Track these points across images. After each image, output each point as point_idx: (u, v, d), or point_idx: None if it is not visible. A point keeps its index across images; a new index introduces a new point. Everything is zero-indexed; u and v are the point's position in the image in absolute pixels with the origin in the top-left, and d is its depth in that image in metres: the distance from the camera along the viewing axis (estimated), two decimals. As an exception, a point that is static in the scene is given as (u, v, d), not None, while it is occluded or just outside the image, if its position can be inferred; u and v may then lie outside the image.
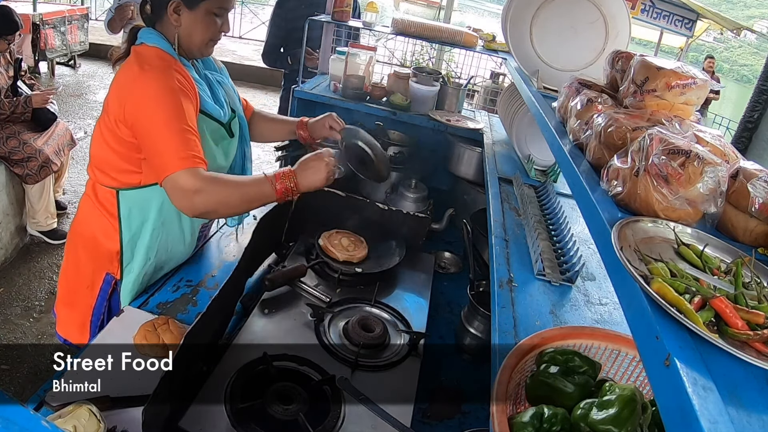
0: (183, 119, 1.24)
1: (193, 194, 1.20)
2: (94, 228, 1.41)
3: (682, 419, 0.43)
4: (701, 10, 8.17)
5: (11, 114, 2.77)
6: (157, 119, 1.22)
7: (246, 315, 1.40)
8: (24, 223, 2.99)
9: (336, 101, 2.33)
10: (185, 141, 1.22)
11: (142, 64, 1.25)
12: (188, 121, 1.25)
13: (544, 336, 0.90)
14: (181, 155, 1.21)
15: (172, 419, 1.05)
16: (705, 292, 0.58)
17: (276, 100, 6.59)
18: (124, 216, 1.37)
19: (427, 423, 1.23)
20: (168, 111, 1.22)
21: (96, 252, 1.41)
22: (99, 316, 1.45)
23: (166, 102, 1.22)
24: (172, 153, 1.21)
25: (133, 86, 1.24)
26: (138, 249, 1.41)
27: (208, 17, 1.31)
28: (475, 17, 22.09)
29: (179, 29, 1.30)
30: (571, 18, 1.72)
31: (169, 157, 1.21)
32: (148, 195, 1.36)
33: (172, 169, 1.20)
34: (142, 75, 1.23)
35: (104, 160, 1.34)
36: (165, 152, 1.21)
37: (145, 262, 1.43)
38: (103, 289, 1.43)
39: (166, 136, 1.21)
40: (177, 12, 1.29)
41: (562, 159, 1.01)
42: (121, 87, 1.27)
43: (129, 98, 1.24)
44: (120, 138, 1.29)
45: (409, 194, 2.09)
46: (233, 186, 1.27)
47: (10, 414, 0.57)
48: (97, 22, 7.35)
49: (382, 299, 1.53)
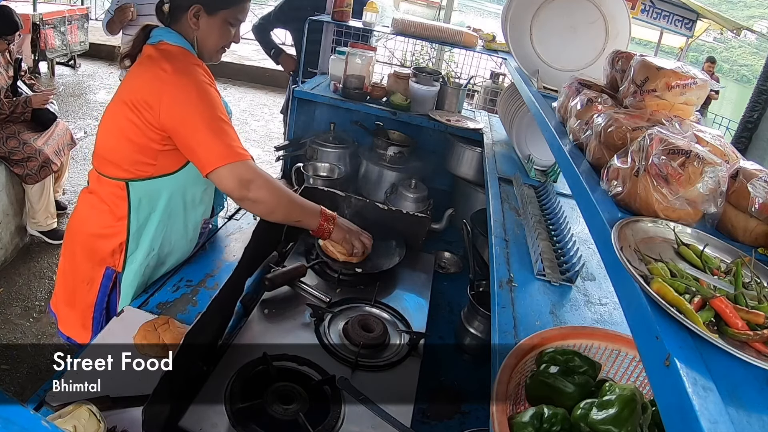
0: (221, 112, 1.31)
1: (249, 183, 1.30)
2: (93, 224, 1.41)
3: (682, 419, 0.43)
4: (701, 10, 8.17)
5: (11, 114, 2.77)
6: (198, 115, 1.26)
7: (246, 315, 1.40)
8: (24, 223, 2.99)
9: (336, 101, 2.33)
10: (230, 133, 1.30)
11: (172, 61, 1.28)
12: (225, 114, 1.32)
13: (544, 336, 0.90)
14: (232, 147, 1.28)
15: (172, 419, 1.05)
16: (705, 292, 0.58)
17: (276, 99, 6.60)
18: (134, 206, 1.38)
19: (427, 423, 1.23)
20: (207, 105, 1.28)
21: (95, 248, 1.42)
22: (101, 311, 1.45)
23: (204, 96, 1.28)
24: (222, 146, 1.27)
25: (168, 84, 1.26)
26: (143, 239, 1.43)
27: (224, 25, 1.37)
28: (475, 17, 22.09)
29: (197, 33, 1.35)
30: (571, 18, 1.72)
31: (220, 150, 1.27)
32: (158, 186, 1.39)
33: (226, 160, 1.27)
34: (176, 73, 1.27)
35: (120, 153, 1.35)
36: (216, 145, 1.27)
37: (148, 253, 1.44)
38: (104, 285, 1.44)
39: (211, 129, 1.27)
40: (196, 16, 1.33)
41: (562, 159, 1.01)
42: (150, 85, 1.28)
43: (165, 96, 1.26)
44: (146, 134, 1.30)
45: (409, 194, 2.09)
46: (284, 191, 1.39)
47: (10, 414, 0.57)
48: (97, 22, 7.34)
49: (382, 299, 1.53)
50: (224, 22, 1.36)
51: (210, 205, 1.59)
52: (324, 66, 2.75)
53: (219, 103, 1.31)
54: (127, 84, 1.34)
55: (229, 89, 6.78)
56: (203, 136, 1.27)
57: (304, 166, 2.21)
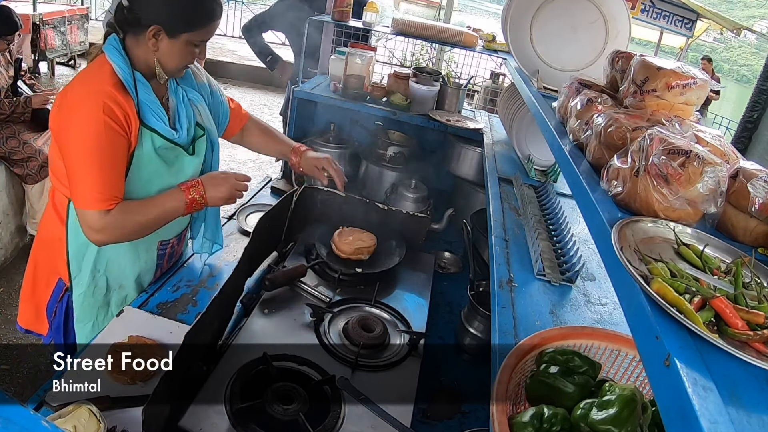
0: (107, 154, 1.21)
1: (95, 233, 1.23)
2: (52, 233, 1.38)
3: (682, 419, 0.43)
4: (701, 10, 8.17)
5: (11, 114, 2.77)
6: (74, 154, 1.20)
7: (246, 315, 1.40)
8: (24, 223, 2.99)
9: (336, 101, 2.33)
10: (104, 179, 1.21)
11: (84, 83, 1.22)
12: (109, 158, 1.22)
13: (544, 336, 0.90)
14: (96, 195, 1.21)
15: (172, 419, 1.05)
16: (705, 292, 0.58)
17: (276, 100, 6.60)
18: (71, 226, 1.33)
19: (427, 423, 1.23)
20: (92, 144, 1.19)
21: (52, 255, 1.39)
22: (52, 311, 1.42)
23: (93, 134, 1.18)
24: (87, 188, 1.21)
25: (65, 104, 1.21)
26: (85, 263, 1.37)
27: (186, 47, 1.26)
28: (475, 17, 22.09)
29: (156, 54, 1.25)
30: (571, 18, 1.72)
31: (83, 191, 1.21)
32: None
33: (85, 205, 1.21)
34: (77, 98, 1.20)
35: (55, 165, 1.31)
36: (81, 184, 1.21)
37: (93, 277, 1.39)
38: (55, 292, 1.41)
39: (86, 168, 1.20)
40: (156, 37, 1.22)
41: (562, 159, 1.01)
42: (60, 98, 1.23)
43: (59, 115, 1.21)
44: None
45: (409, 194, 2.09)
46: (140, 214, 1.28)
47: (10, 414, 0.57)
48: (97, 22, 7.35)
49: (382, 299, 1.53)
50: (187, 44, 1.25)
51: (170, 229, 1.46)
52: (324, 66, 2.75)
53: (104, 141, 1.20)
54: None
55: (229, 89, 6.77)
56: (73, 172, 1.21)
57: (304, 166, 2.21)
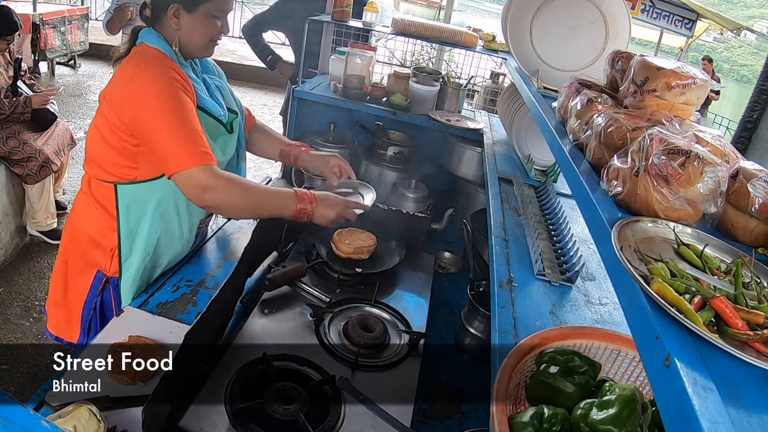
0: (187, 115, 1.26)
1: (204, 190, 1.25)
2: (88, 225, 1.40)
3: (682, 419, 0.43)
4: (701, 10, 8.16)
5: (11, 114, 2.77)
6: (161, 116, 1.23)
7: (246, 315, 1.40)
8: (24, 223, 2.99)
9: (336, 101, 2.33)
10: (193, 137, 1.25)
11: (138, 62, 1.27)
12: (192, 117, 1.27)
13: (544, 336, 0.90)
14: (192, 152, 1.24)
15: (172, 419, 1.05)
16: (705, 292, 0.58)
17: (276, 100, 6.60)
18: (123, 211, 1.37)
19: (427, 423, 1.23)
20: (171, 107, 1.24)
21: (88, 249, 1.41)
22: (89, 312, 1.44)
23: (168, 98, 1.24)
24: (181, 149, 1.24)
25: (130, 84, 1.25)
26: (136, 244, 1.41)
27: (207, 20, 1.33)
28: (475, 17, 22.09)
29: (179, 32, 1.32)
30: (571, 18, 1.72)
31: (178, 154, 1.24)
32: (146, 190, 1.37)
33: (184, 165, 1.24)
34: (139, 73, 1.25)
35: (101, 154, 1.35)
36: (173, 148, 1.24)
37: (143, 258, 1.43)
38: (94, 286, 1.43)
39: (172, 132, 1.23)
40: (176, 16, 1.30)
41: (562, 159, 1.01)
42: (118, 84, 1.27)
43: (126, 96, 1.25)
44: (116, 133, 1.30)
45: (409, 194, 2.09)
46: (249, 191, 1.32)
47: (10, 414, 0.57)
48: (97, 22, 7.33)
49: (382, 299, 1.53)
50: (207, 16, 1.32)
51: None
52: (324, 66, 2.75)
53: (186, 106, 1.27)
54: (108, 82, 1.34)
55: (229, 89, 6.76)
56: (162, 138, 1.24)
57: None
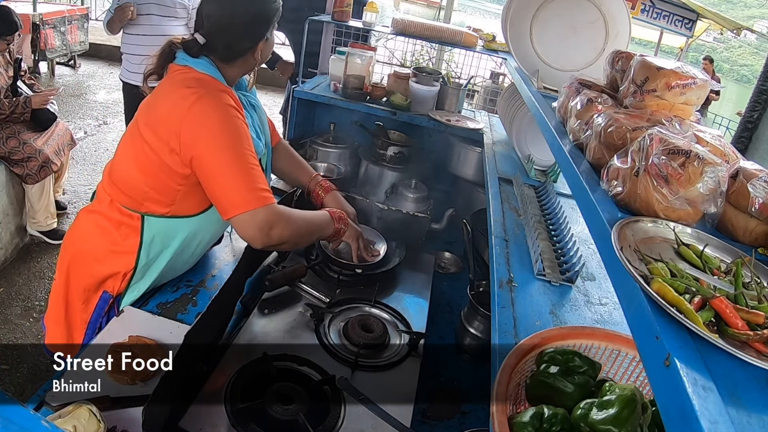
0: (249, 151, 1.21)
1: (270, 229, 1.22)
2: (99, 247, 1.34)
3: (682, 419, 0.43)
4: (701, 10, 8.16)
5: (11, 114, 2.77)
6: (225, 150, 1.18)
7: (246, 315, 1.40)
8: (24, 223, 2.99)
9: (336, 101, 2.33)
10: (255, 174, 1.21)
11: (197, 90, 1.19)
12: (252, 152, 1.23)
13: (544, 336, 0.90)
14: (257, 191, 1.20)
15: (172, 419, 1.05)
16: (705, 292, 0.58)
17: (276, 100, 6.60)
18: (146, 242, 1.32)
19: (427, 423, 1.23)
20: (235, 141, 1.19)
21: (94, 271, 1.35)
22: (94, 330, 1.38)
23: (231, 130, 1.19)
24: (246, 190, 1.19)
25: (189, 113, 1.17)
26: (150, 273, 1.37)
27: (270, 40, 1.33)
28: (475, 17, 22.08)
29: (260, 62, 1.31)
30: (571, 18, 1.72)
31: (244, 194, 1.19)
32: (175, 226, 1.32)
33: (248, 206, 1.19)
34: (199, 101, 1.17)
35: (133, 185, 1.28)
36: (239, 189, 1.19)
37: (152, 284, 1.40)
38: (99, 307, 1.37)
39: (237, 170, 1.19)
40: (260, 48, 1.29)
41: (562, 159, 1.01)
42: (174, 113, 1.19)
43: (186, 126, 1.17)
44: (163, 168, 1.23)
45: (409, 194, 2.09)
46: (302, 220, 1.32)
47: (10, 414, 0.57)
48: (97, 22, 7.34)
49: (382, 299, 1.53)
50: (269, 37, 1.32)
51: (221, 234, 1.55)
52: (324, 66, 2.75)
53: (247, 136, 1.21)
54: (149, 105, 1.26)
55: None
56: (226, 176, 1.18)
57: (304, 166, 2.21)
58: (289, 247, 1.35)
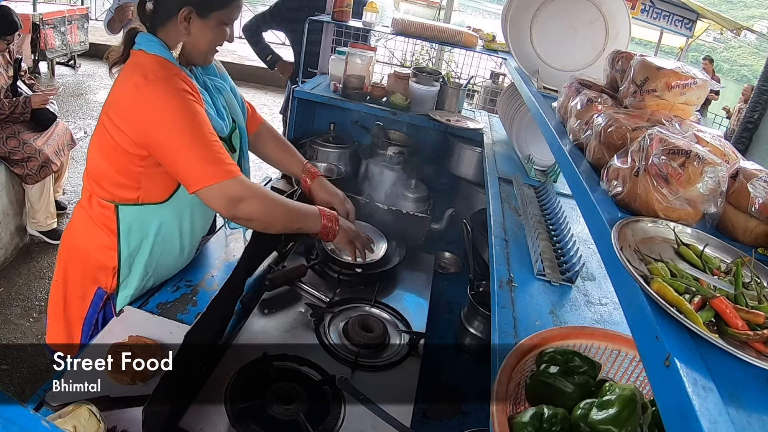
0: (205, 126, 1.21)
1: (239, 202, 1.23)
2: (88, 242, 1.36)
3: (682, 419, 0.43)
4: (701, 10, 8.17)
5: (11, 114, 2.77)
6: (179, 130, 1.18)
7: (246, 315, 1.40)
8: (24, 223, 2.99)
9: (336, 101, 2.33)
10: (217, 149, 1.22)
11: (145, 73, 1.20)
12: (210, 129, 1.23)
13: (544, 336, 0.90)
14: (220, 165, 1.21)
15: (172, 419, 1.05)
16: (705, 292, 0.58)
17: (276, 99, 6.60)
18: (124, 232, 1.33)
19: (427, 423, 1.23)
20: (188, 120, 1.19)
21: (88, 265, 1.37)
22: (90, 326, 1.41)
23: (183, 111, 1.19)
24: (207, 163, 1.20)
25: (139, 98, 1.19)
26: (136, 265, 1.38)
27: (218, 27, 1.28)
28: (475, 17, 22.08)
29: (186, 37, 1.27)
30: (571, 18, 1.72)
31: (205, 168, 1.20)
32: (148, 212, 1.33)
33: (214, 179, 1.20)
34: (148, 86, 1.18)
35: (100, 172, 1.30)
36: (198, 163, 1.19)
37: (143, 278, 1.40)
38: (95, 302, 1.39)
39: (195, 146, 1.19)
40: (187, 20, 1.25)
41: (562, 159, 1.01)
42: (125, 99, 1.21)
43: (136, 112, 1.19)
44: (119, 150, 1.24)
45: (409, 194, 2.09)
46: (281, 203, 1.32)
47: (10, 414, 0.57)
48: (97, 22, 7.35)
49: (382, 299, 1.53)
50: (218, 23, 1.27)
51: (209, 223, 1.54)
52: (324, 66, 2.75)
53: (201, 114, 1.22)
54: (109, 95, 1.27)
55: (229, 89, 6.76)
56: (184, 153, 1.19)
57: (304, 166, 2.21)
58: (260, 226, 1.34)
